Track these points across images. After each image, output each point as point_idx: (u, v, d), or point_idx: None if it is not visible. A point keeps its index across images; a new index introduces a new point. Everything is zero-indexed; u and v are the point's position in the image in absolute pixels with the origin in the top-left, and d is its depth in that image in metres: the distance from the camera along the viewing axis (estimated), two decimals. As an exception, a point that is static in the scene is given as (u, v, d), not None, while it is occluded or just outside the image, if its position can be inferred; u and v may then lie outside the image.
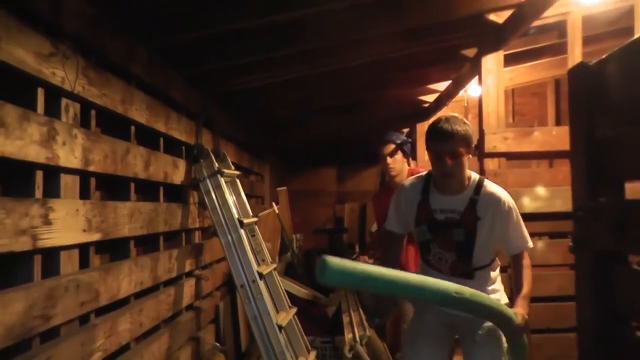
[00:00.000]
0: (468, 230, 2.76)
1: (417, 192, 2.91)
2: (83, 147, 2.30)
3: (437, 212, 2.83)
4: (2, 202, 1.79)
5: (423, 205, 2.87)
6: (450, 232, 2.80)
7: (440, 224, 2.82)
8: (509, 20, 4.22)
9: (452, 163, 2.69)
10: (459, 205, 2.79)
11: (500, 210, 2.79)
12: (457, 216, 2.79)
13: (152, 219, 3.10)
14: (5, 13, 1.82)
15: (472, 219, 2.76)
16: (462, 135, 2.69)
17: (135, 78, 2.88)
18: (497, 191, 2.83)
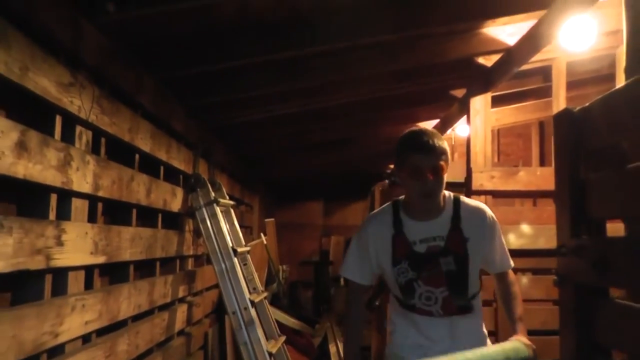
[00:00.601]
0: (458, 255, 2.32)
1: (387, 225, 2.39)
2: (94, 173, 2.42)
3: (416, 244, 2.33)
4: (21, 222, 1.89)
5: (398, 240, 2.35)
6: (436, 263, 2.31)
7: (424, 257, 2.32)
8: (497, 64, 4.41)
9: (434, 180, 2.25)
10: (440, 230, 2.33)
11: (487, 226, 2.41)
12: (441, 243, 2.32)
13: (151, 245, 3.20)
14: (31, 43, 1.94)
15: (460, 241, 2.33)
16: (444, 149, 2.30)
17: (141, 107, 3.00)
18: (478, 205, 2.46)
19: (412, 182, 2.27)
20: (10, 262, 1.82)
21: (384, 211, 2.46)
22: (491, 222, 2.43)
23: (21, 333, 1.88)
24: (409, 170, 2.26)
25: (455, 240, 2.33)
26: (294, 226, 10.21)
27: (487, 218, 2.42)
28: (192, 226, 4.11)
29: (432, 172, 2.24)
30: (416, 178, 2.24)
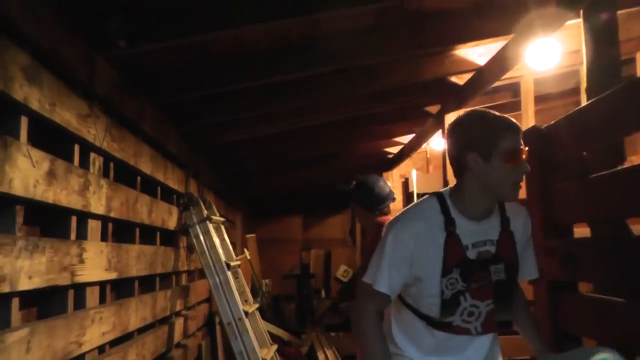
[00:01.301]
0: (510, 263, 1.97)
1: (436, 225, 1.93)
2: (107, 195, 2.62)
3: (468, 249, 1.93)
4: (52, 243, 2.10)
5: (451, 243, 1.92)
6: (486, 272, 1.94)
7: (475, 264, 1.93)
8: (469, 82, 4.71)
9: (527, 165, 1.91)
10: (492, 233, 1.96)
11: (529, 228, 2.07)
12: (492, 248, 1.95)
13: (152, 261, 3.40)
14: (57, 79, 2.15)
15: (512, 247, 1.98)
16: None
17: (142, 133, 3.21)
18: (518, 206, 2.07)
19: (505, 168, 1.85)
20: (44, 278, 2.02)
21: (429, 206, 1.98)
22: (530, 224, 2.09)
23: (54, 342, 2.08)
24: (504, 154, 1.84)
25: (506, 245, 1.97)
26: (274, 241, 10.40)
27: (529, 219, 2.08)
28: (186, 243, 4.31)
29: (525, 155, 1.89)
30: (514, 162, 1.85)
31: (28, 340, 1.88)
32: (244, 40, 3.02)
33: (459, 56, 4.35)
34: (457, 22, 3.54)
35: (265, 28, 2.87)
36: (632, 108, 2.08)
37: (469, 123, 1.93)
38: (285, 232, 10.79)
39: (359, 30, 3.39)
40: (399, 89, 4.71)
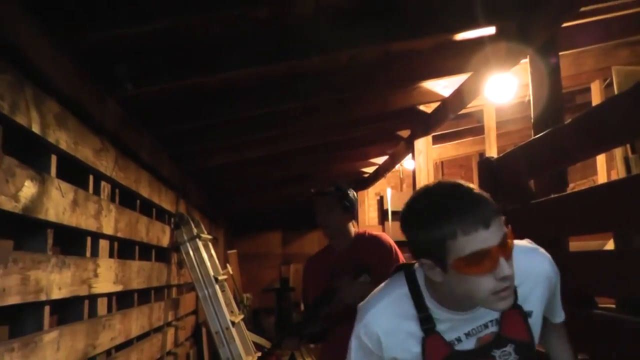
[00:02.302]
0: (520, 343, 1.58)
1: (408, 324, 1.58)
2: (115, 218, 3.01)
3: (459, 341, 1.58)
4: (75, 260, 2.47)
5: (431, 344, 1.57)
6: (490, 357, 1.58)
7: (471, 355, 1.59)
8: (435, 111, 5.16)
9: (510, 263, 1.42)
10: (490, 314, 1.56)
11: (552, 283, 1.66)
12: (495, 328, 1.58)
13: (149, 276, 3.77)
14: (78, 121, 2.53)
15: (522, 323, 1.59)
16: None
17: (141, 160, 3.59)
18: (536, 256, 1.65)
19: (471, 278, 1.41)
20: (69, 289, 2.39)
21: (397, 300, 1.60)
22: (556, 277, 1.67)
23: (75, 344, 2.45)
24: (461, 262, 1.38)
25: (513, 322, 1.58)
26: (254, 256, 10.77)
27: (551, 275, 1.65)
28: (177, 259, 4.68)
29: (504, 250, 1.40)
30: (480, 269, 1.38)
31: (58, 340, 2.26)
32: (233, 79, 3.42)
33: (425, 88, 4.80)
34: (421, 61, 3.99)
35: (252, 70, 3.27)
36: (575, 142, 2.46)
37: (413, 221, 1.48)
38: (266, 248, 11.16)
39: (333, 69, 3.82)
40: (372, 117, 5.15)
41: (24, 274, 1.98)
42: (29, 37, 2.02)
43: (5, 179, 1.86)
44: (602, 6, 3.72)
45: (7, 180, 1.87)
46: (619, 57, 5.29)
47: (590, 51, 5.09)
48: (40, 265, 2.11)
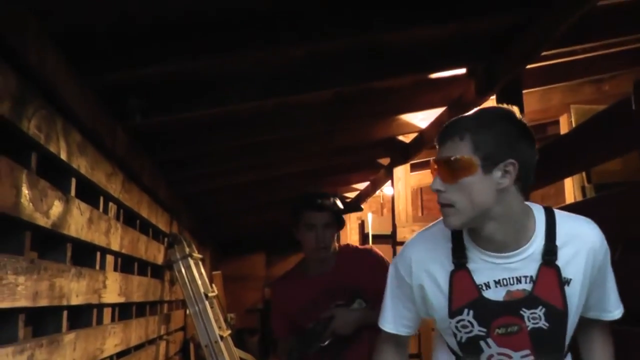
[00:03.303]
0: (553, 308, 1.56)
1: (442, 255, 1.64)
2: (120, 236, 3.32)
3: (488, 288, 1.59)
4: (89, 272, 2.78)
5: (459, 279, 1.60)
6: (518, 316, 1.57)
7: (499, 306, 1.58)
8: (413, 141, 5.54)
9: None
10: (527, 267, 1.57)
11: (597, 257, 1.62)
12: (528, 286, 1.57)
13: (146, 291, 4.08)
14: (94, 149, 2.86)
15: (557, 286, 1.56)
16: None
17: (142, 184, 3.91)
18: (585, 225, 1.64)
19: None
20: (84, 297, 2.70)
21: (437, 232, 1.68)
22: (603, 251, 1.63)
23: (88, 346, 2.75)
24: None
25: (547, 284, 1.56)
26: (238, 277, 11.04)
27: (598, 244, 1.62)
28: (169, 276, 4.98)
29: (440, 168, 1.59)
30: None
31: (75, 342, 2.56)
32: (228, 112, 3.77)
33: (404, 120, 5.17)
34: (400, 96, 4.37)
35: (246, 104, 3.63)
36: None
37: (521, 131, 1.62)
38: (250, 269, 11.44)
39: (320, 102, 4.19)
40: (354, 146, 5.52)
41: (52, 281, 2.30)
42: (61, 75, 2.36)
43: (40, 199, 2.18)
44: (563, 50, 4.11)
45: (41, 200, 2.19)
46: (584, 93, 5.73)
47: (557, 88, 5.51)
48: (63, 274, 2.42)
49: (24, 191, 2.01)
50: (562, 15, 3.04)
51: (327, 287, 2.75)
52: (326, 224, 2.77)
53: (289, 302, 2.84)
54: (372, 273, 2.64)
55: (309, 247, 2.77)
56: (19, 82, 1.96)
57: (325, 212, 2.77)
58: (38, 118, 2.12)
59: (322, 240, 2.73)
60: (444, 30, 3.36)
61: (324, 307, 2.68)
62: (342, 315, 2.63)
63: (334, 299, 2.70)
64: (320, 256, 2.77)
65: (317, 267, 2.83)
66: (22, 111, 1.99)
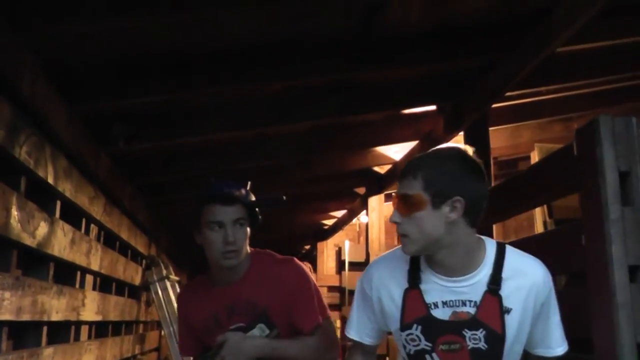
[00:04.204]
0: (492, 332, 1.72)
1: (398, 275, 1.81)
2: (100, 257, 3.46)
3: (436, 307, 1.76)
4: (69, 290, 2.92)
5: (411, 297, 1.78)
6: (460, 335, 1.74)
7: (444, 325, 1.75)
8: (387, 172, 5.75)
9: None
10: (473, 293, 1.74)
11: (540, 295, 1.76)
12: (472, 310, 1.74)
13: (122, 310, 4.20)
14: (79, 173, 3.01)
15: (497, 313, 1.73)
16: None
17: (123, 207, 4.07)
18: (531, 263, 1.80)
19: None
20: (63, 314, 2.84)
21: (398, 254, 1.82)
22: (547, 290, 1.78)
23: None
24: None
25: (490, 310, 1.73)
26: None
27: (540, 283, 1.76)
28: (146, 297, 5.10)
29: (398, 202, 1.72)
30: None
31: (52, 356, 2.69)
32: (211, 140, 3.95)
33: (379, 152, 5.38)
34: (373, 130, 4.58)
35: (227, 134, 3.81)
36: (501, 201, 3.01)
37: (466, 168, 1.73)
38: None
39: (298, 133, 4.38)
40: (331, 175, 5.71)
41: (35, 297, 2.44)
42: (51, 104, 2.52)
43: (27, 220, 2.33)
44: (528, 91, 4.35)
45: (28, 221, 2.34)
46: (552, 131, 5.97)
47: (527, 125, 5.74)
48: (45, 291, 2.57)
49: (13, 212, 2.17)
50: (522, 61, 3.27)
51: (228, 302, 2.17)
52: (237, 221, 2.12)
53: (192, 315, 2.28)
54: (286, 289, 2.14)
55: (214, 252, 2.12)
56: (13, 111, 2.13)
57: (235, 206, 2.14)
58: (29, 145, 2.28)
59: (232, 242, 2.08)
60: (416, 71, 3.57)
61: (226, 327, 2.14)
62: (234, 342, 2.05)
63: (231, 318, 2.16)
64: (230, 264, 2.12)
65: (224, 275, 2.19)
66: (14, 138, 2.16)
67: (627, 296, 1.97)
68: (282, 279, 2.17)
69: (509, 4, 2.97)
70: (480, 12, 3.03)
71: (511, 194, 2.99)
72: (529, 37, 3.13)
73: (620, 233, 2.01)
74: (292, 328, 2.16)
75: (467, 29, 3.15)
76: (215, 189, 2.20)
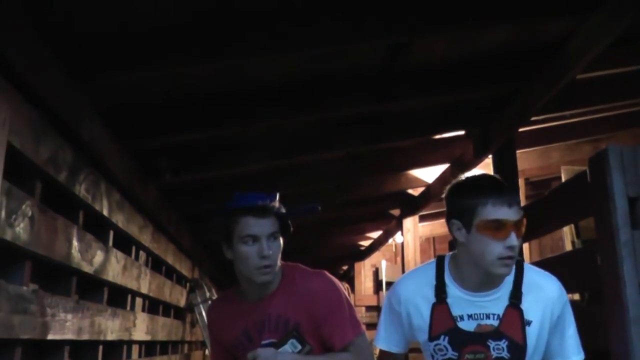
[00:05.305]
0: (514, 342, 1.86)
1: (426, 291, 1.94)
2: (149, 281, 3.71)
3: (462, 320, 1.89)
4: (122, 312, 3.17)
5: (439, 311, 1.91)
6: (485, 346, 1.87)
7: (470, 336, 1.88)
8: (421, 195, 5.92)
9: (519, 237, 1.81)
10: (495, 307, 1.89)
11: (555, 308, 1.91)
12: (495, 322, 1.88)
13: (169, 331, 4.44)
14: (130, 204, 3.27)
15: (519, 325, 1.87)
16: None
17: (168, 234, 4.32)
18: (547, 279, 1.96)
19: (486, 239, 1.78)
20: (117, 334, 3.08)
21: (424, 271, 1.98)
22: (562, 304, 1.92)
23: (119, 379, 3.12)
24: (482, 224, 1.77)
25: (512, 322, 1.87)
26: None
27: (557, 298, 1.91)
28: (190, 318, 5.35)
29: (517, 228, 1.80)
30: (494, 234, 1.77)
31: (109, 374, 2.94)
32: (248, 170, 4.20)
33: (412, 175, 5.57)
34: (404, 155, 4.78)
35: (264, 165, 4.05)
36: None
37: (456, 189, 1.90)
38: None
39: (333, 160, 4.60)
40: (366, 198, 5.91)
41: (92, 319, 2.68)
42: (105, 145, 2.79)
43: (86, 249, 2.59)
44: (553, 115, 4.50)
45: (86, 251, 2.59)
46: (581, 152, 6.06)
47: (556, 147, 5.87)
48: (101, 313, 2.81)
49: (74, 243, 2.42)
50: (545, 88, 3.44)
51: (259, 317, 2.11)
52: (272, 234, 2.06)
53: (223, 331, 2.24)
54: (317, 304, 2.07)
55: (248, 267, 2.04)
56: (74, 154, 2.39)
57: (269, 218, 2.08)
58: (87, 182, 2.54)
59: (268, 256, 2.01)
60: (441, 100, 3.77)
61: (257, 343, 2.10)
62: (265, 357, 2.00)
63: (263, 334, 2.11)
64: (265, 279, 2.05)
65: (256, 290, 2.12)
66: (75, 178, 2.41)
67: (639, 311, 2.12)
68: (312, 293, 2.08)
69: (525, 38, 3.16)
70: (499, 45, 3.22)
71: (533, 216, 3.14)
72: (548, 66, 3.30)
73: (631, 254, 2.16)
74: (325, 344, 2.11)
75: (489, 60, 3.34)
76: (249, 201, 2.10)
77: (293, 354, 2.04)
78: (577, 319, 2.01)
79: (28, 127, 1.97)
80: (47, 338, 2.16)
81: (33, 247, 2.01)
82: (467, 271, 1.88)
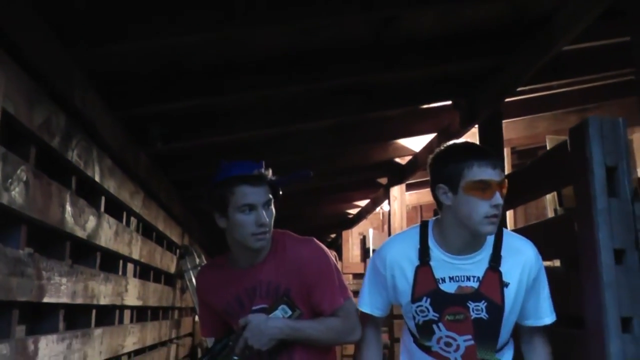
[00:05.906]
0: (493, 303, 1.94)
1: (410, 254, 2.00)
2: (140, 247, 3.78)
3: (444, 282, 1.96)
4: (114, 277, 3.23)
5: (422, 273, 1.98)
6: (464, 307, 1.95)
7: (450, 297, 1.96)
8: (408, 163, 5.98)
9: (502, 197, 1.89)
10: (476, 269, 1.96)
11: (532, 271, 2.00)
12: (475, 284, 1.95)
13: (160, 297, 4.52)
14: (121, 171, 3.31)
15: (497, 287, 1.95)
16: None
17: (159, 201, 4.37)
18: (525, 244, 2.05)
19: (472, 200, 1.86)
20: (110, 299, 3.15)
21: (409, 235, 2.06)
22: (537, 267, 2.02)
23: (112, 341, 3.19)
24: (469, 185, 1.86)
25: (491, 284, 1.95)
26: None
27: (532, 260, 2.01)
28: (180, 285, 5.43)
29: (501, 188, 1.89)
30: (480, 194, 1.86)
31: (102, 336, 3.01)
32: (238, 138, 4.24)
33: (399, 144, 5.62)
34: (392, 124, 4.83)
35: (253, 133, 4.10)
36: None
37: (442, 155, 1.99)
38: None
39: (322, 129, 4.65)
40: (354, 167, 5.98)
41: (86, 283, 2.75)
42: (98, 112, 2.82)
43: (79, 214, 2.64)
44: (540, 86, 4.55)
45: (79, 215, 2.65)
46: (568, 122, 6.09)
47: (543, 117, 5.93)
48: (94, 278, 2.88)
49: (67, 208, 2.47)
50: (530, 60, 3.49)
51: (251, 284, 2.15)
52: (267, 202, 2.10)
53: (213, 298, 2.25)
54: (306, 270, 2.12)
55: (244, 234, 2.08)
56: (67, 120, 2.43)
57: (264, 186, 2.12)
58: (79, 148, 2.58)
59: (265, 223, 2.05)
60: (429, 71, 3.81)
61: (249, 309, 2.13)
62: (257, 323, 2.03)
63: (254, 300, 2.14)
64: (261, 245, 2.09)
65: (248, 257, 2.17)
66: (68, 144, 2.45)
67: (612, 277, 2.20)
68: (303, 260, 2.13)
69: (513, 10, 3.20)
70: (487, 17, 3.26)
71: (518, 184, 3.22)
72: (534, 39, 3.35)
73: (607, 221, 2.24)
74: (314, 309, 2.18)
75: (477, 32, 3.38)
76: (244, 169, 2.16)
77: (284, 319, 2.09)
78: (554, 284, 2.12)
79: (22, 94, 2.00)
80: (43, 301, 2.22)
81: (28, 211, 2.06)
82: (451, 234, 1.96)
